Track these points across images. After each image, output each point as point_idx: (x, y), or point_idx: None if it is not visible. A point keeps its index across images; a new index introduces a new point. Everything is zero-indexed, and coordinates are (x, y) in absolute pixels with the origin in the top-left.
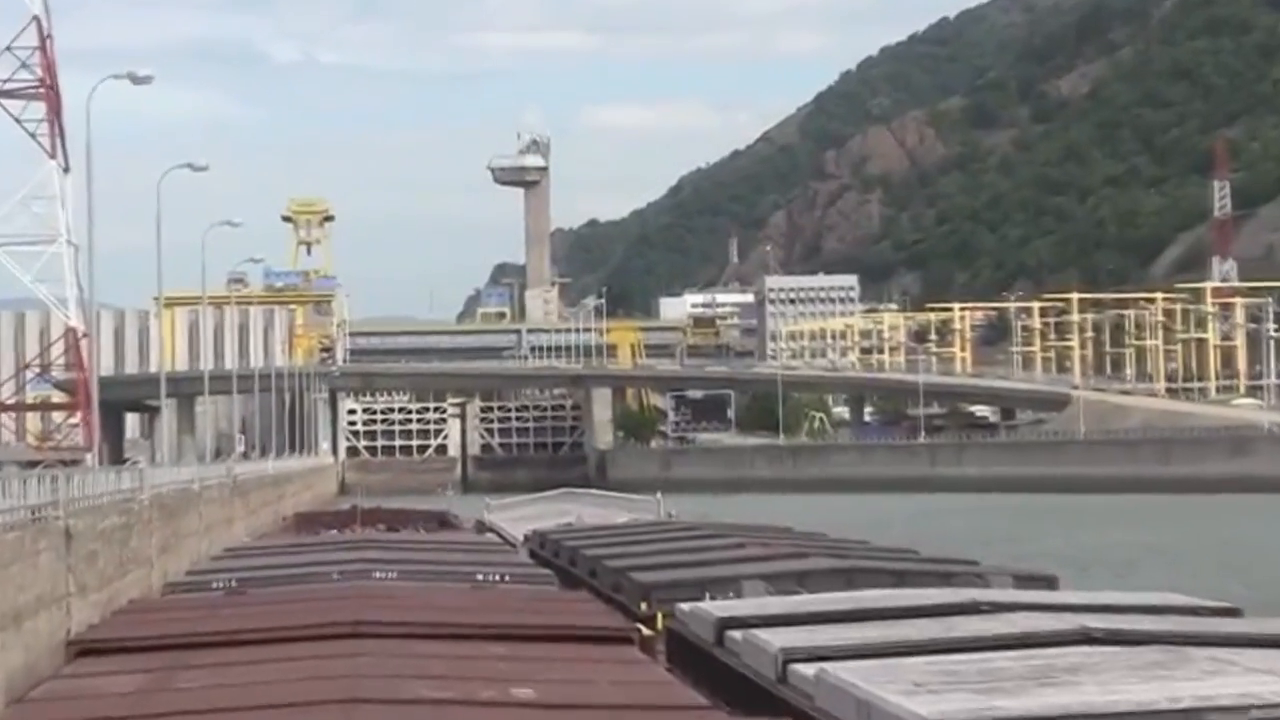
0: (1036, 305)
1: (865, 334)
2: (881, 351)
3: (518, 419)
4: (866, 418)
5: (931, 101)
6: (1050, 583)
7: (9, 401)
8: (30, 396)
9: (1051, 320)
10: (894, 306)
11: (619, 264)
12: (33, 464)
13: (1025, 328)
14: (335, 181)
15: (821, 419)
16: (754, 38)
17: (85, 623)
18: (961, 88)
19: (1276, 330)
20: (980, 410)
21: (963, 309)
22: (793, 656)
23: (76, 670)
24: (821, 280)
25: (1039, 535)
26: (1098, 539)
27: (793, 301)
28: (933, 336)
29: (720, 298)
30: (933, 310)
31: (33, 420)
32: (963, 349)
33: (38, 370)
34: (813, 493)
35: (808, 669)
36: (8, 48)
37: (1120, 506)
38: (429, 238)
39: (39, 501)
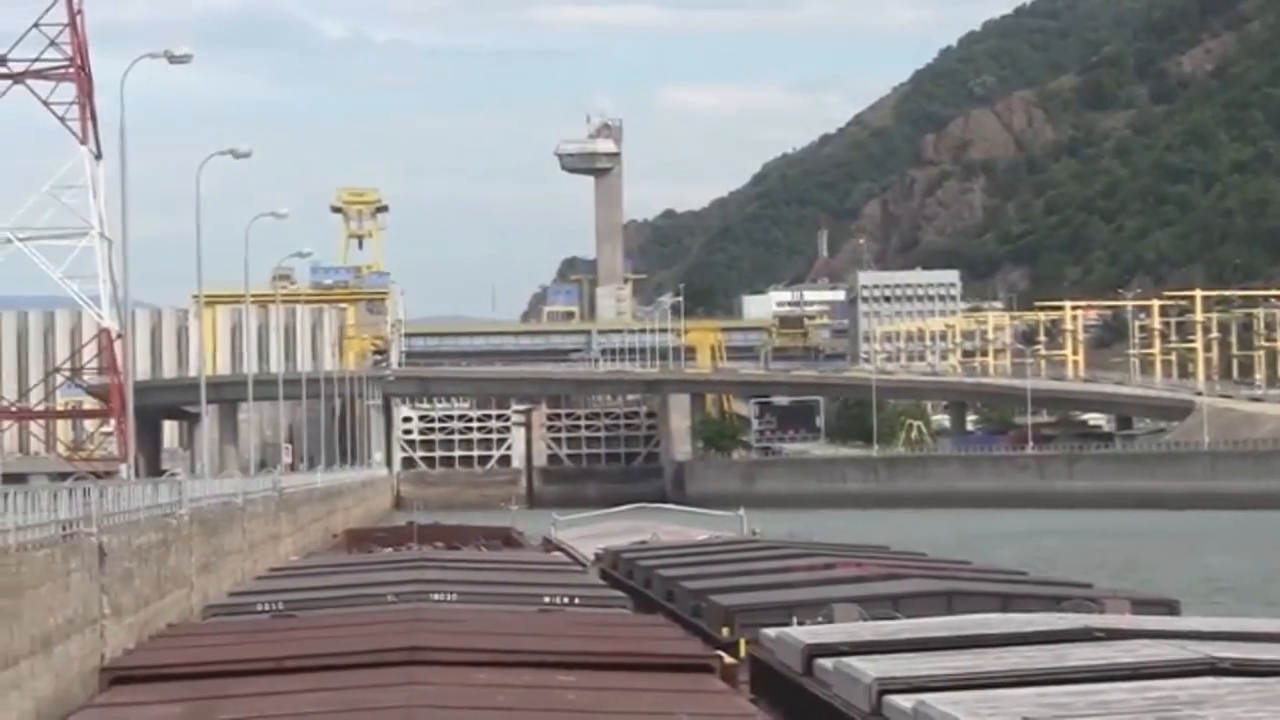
0: (1156, 304)
1: (967, 335)
2: (985, 354)
3: (588, 428)
4: (969, 427)
5: (1040, 80)
6: (1172, 607)
7: (38, 408)
8: (60, 403)
9: (1172, 320)
10: (999, 305)
11: (698, 259)
12: (63, 476)
13: (1143, 328)
14: (388, 169)
15: (919, 428)
16: (845, 11)
17: (120, 648)
18: (1074, 65)
19: None
20: (1094, 419)
21: (1074, 308)
22: (888, 687)
23: (110, 699)
24: (919, 276)
25: (1158, 555)
26: (1224, 560)
27: (888, 299)
28: (1041, 338)
29: (808, 295)
30: (1041, 309)
31: (63, 429)
32: (1074, 352)
33: (68, 374)
34: (910, 508)
35: (905, 701)
36: (35, 25)
37: (1249, 524)
38: (490, 230)
39: (70, 516)
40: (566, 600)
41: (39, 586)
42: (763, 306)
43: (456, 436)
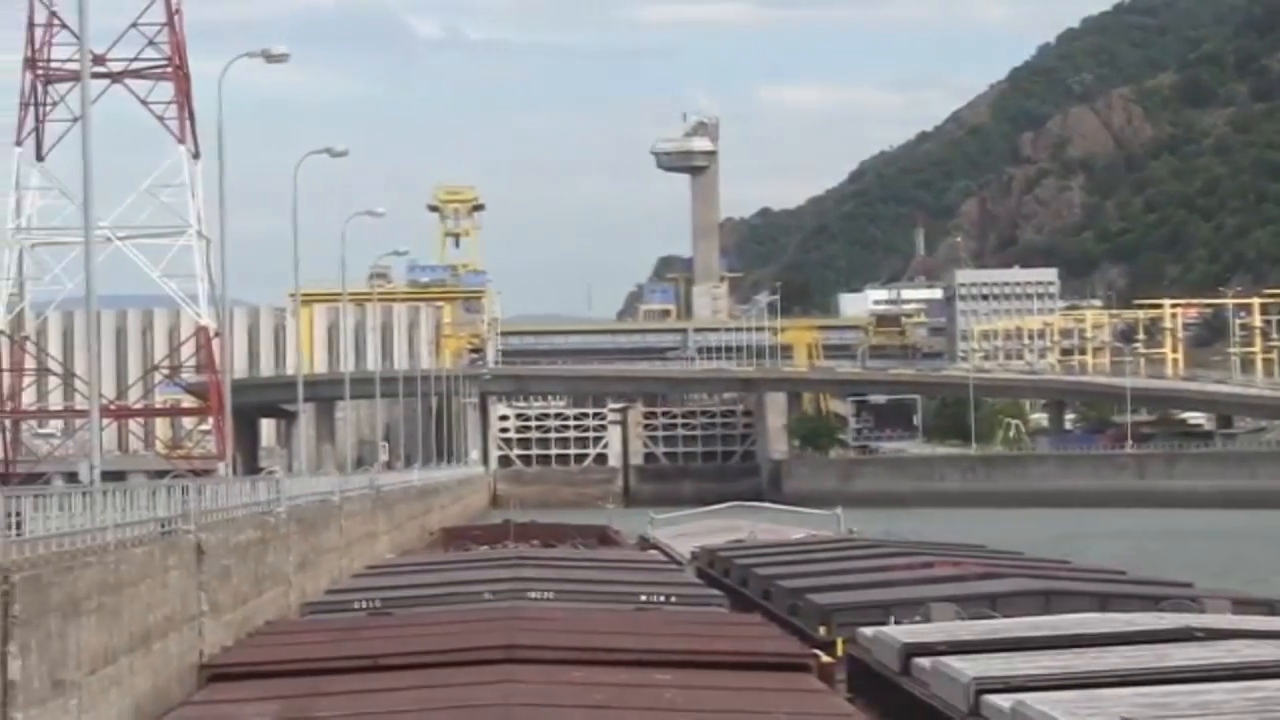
0: (1257, 301)
1: (1066, 333)
2: (1084, 353)
3: (684, 426)
4: (1067, 425)
5: (1139, 78)
6: (1273, 607)
7: (136, 406)
8: (159, 401)
9: (1274, 318)
10: (1097, 303)
11: (794, 257)
12: (161, 474)
13: (1244, 326)
14: (484, 168)
15: (1017, 427)
16: (942, 9)
17: (218, 645)
18: (1173, 62)
19: None
20: (1194, 417)
21: (1174, 306)
22: (986, 686)
23: (209, 696)
24: (1017, 274)
25: (1259, 555)
26: None
27: (985, 298)
28: (1141, 336)
29: (906, 294)
30: (1141, 307)
31: (162, 426)
32: (1174, 350)
33: (166, 373)
34: (1007, 508)
35: (1003, 700)
36: (133, 24)
37: None
38: (586, 229)
39: (168, 514)
40: (663, 599)
41: (138, 584)
42: (859, 305)
43: (553, 435)
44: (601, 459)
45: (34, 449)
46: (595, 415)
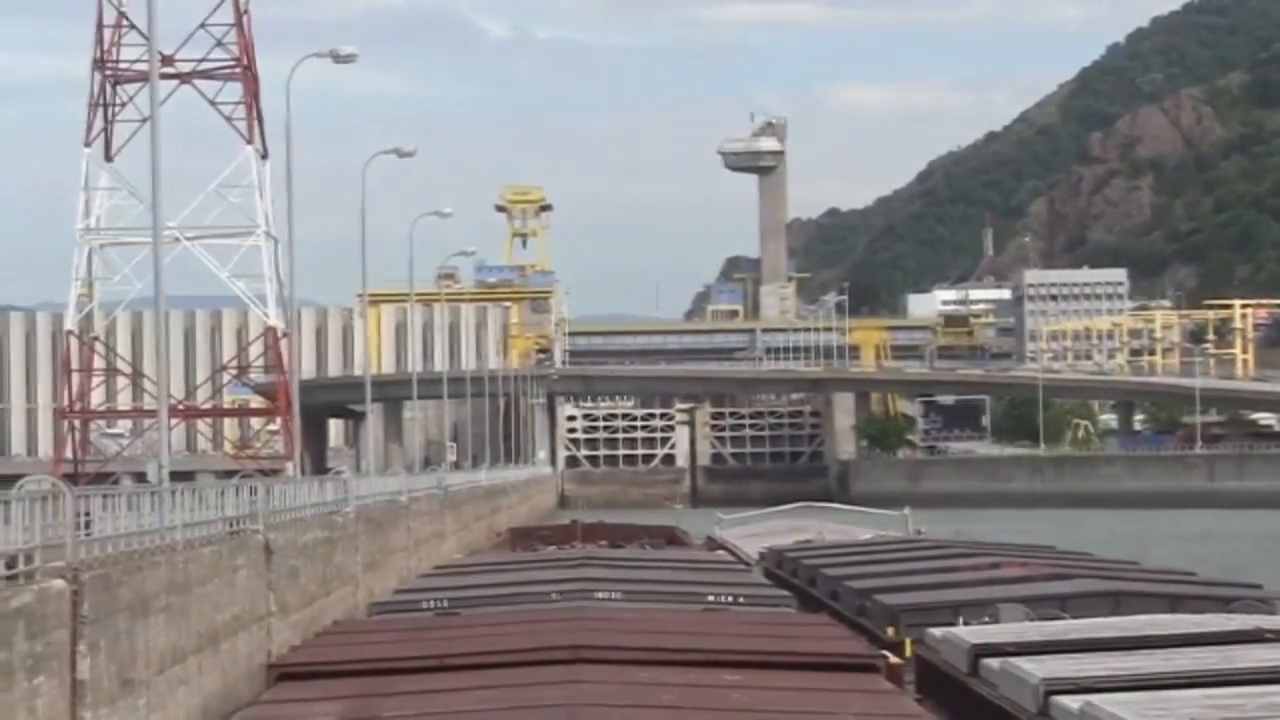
0: None
1: (1135, 334)
2: (1153, 353)
3: (752, 427)
4: (1136, 426)
5: (1209, 77)
6: None
7: (204, 406)
8: (227, 401)
9: None
10: (1167, 304)
11: (862, 257)
12: (229, 473)
13: None
14: (551, 168)
15: (1086, 427)
16: (1011, 8)
17: (286, 644)
18: (1243, 62)
19: None
20: (1264, 418)
21: (1244, 306)
22: (1055, 687)
23: (277, 695)
24: (1086, 275)
25: None
26: None
27: (1054, 298)
28: (1211, 336)
29: (974, 294)
30: (1210, 308)
31: (230, 427)
32: (1244, 350)
33: (235, 373)
34: (1076, 508)
35: (1072, 701)
36: (202, 25)
37: None
38: (654, 229)
39: (236, 514)
40: (730, 599)
41: (206, 583)
42: (927, 305)
43: (620, 435)
44: (669, 459)
45: (103, 449)
46: (663, 416)
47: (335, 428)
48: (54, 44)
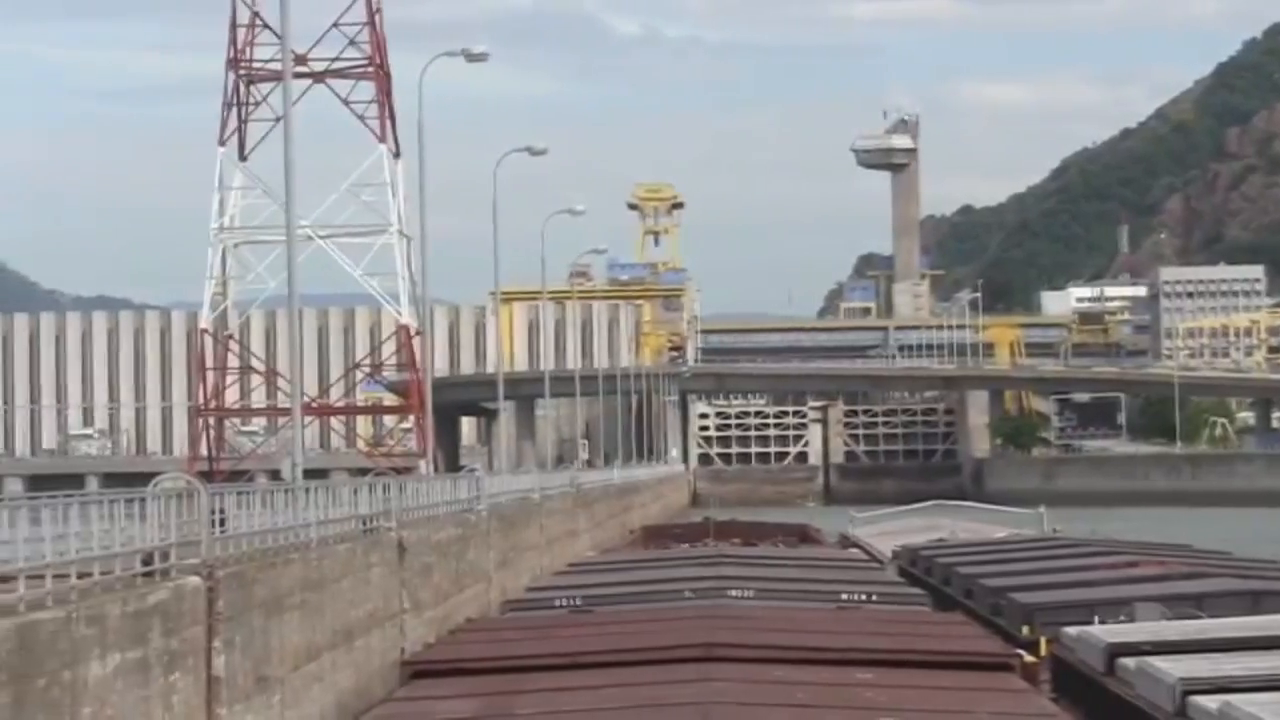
0: None
1: (1273, 331)
2: None
3: (885, 424)
4: (1275, 424)
5: None
6: None
7: (338, 404)
8: (360, 399)
9: None
10: None
11: (996, 254)
12: (363, 471)
13: None
14: (683, 165)
15: (1224, 425)
16: (1146, 4)
17: (420, 642)
18: None
19: None
20: None
21: None
22: (1193, 687)
23: (411, 693)
24: (1223, 271)
25: None
26: None
27: (1191, 295)
28: None
29: (1109, 291)
30: None
31: (363, 425)
32: None
33: (368, 371)
34: (1214, 507)
35: (1210, 702)
36: (334, 24)
37: None
38: (785, 227)
39: (370, 512)
40: (864, 597)
41: (340, 580)
42: (1062, 303)
43: (753, 433)
44: (802, 457)
45: (238, 447)
46: (795, 413)
47: (468, 425)
48: (186, 44)
